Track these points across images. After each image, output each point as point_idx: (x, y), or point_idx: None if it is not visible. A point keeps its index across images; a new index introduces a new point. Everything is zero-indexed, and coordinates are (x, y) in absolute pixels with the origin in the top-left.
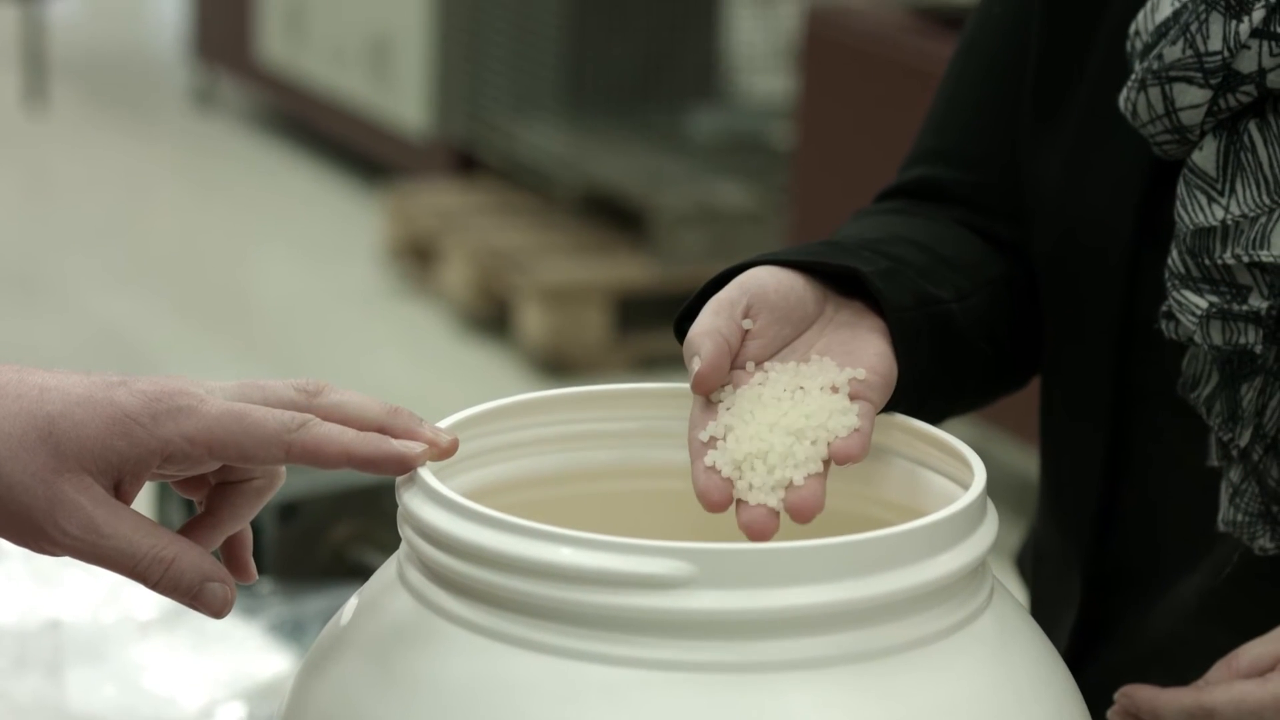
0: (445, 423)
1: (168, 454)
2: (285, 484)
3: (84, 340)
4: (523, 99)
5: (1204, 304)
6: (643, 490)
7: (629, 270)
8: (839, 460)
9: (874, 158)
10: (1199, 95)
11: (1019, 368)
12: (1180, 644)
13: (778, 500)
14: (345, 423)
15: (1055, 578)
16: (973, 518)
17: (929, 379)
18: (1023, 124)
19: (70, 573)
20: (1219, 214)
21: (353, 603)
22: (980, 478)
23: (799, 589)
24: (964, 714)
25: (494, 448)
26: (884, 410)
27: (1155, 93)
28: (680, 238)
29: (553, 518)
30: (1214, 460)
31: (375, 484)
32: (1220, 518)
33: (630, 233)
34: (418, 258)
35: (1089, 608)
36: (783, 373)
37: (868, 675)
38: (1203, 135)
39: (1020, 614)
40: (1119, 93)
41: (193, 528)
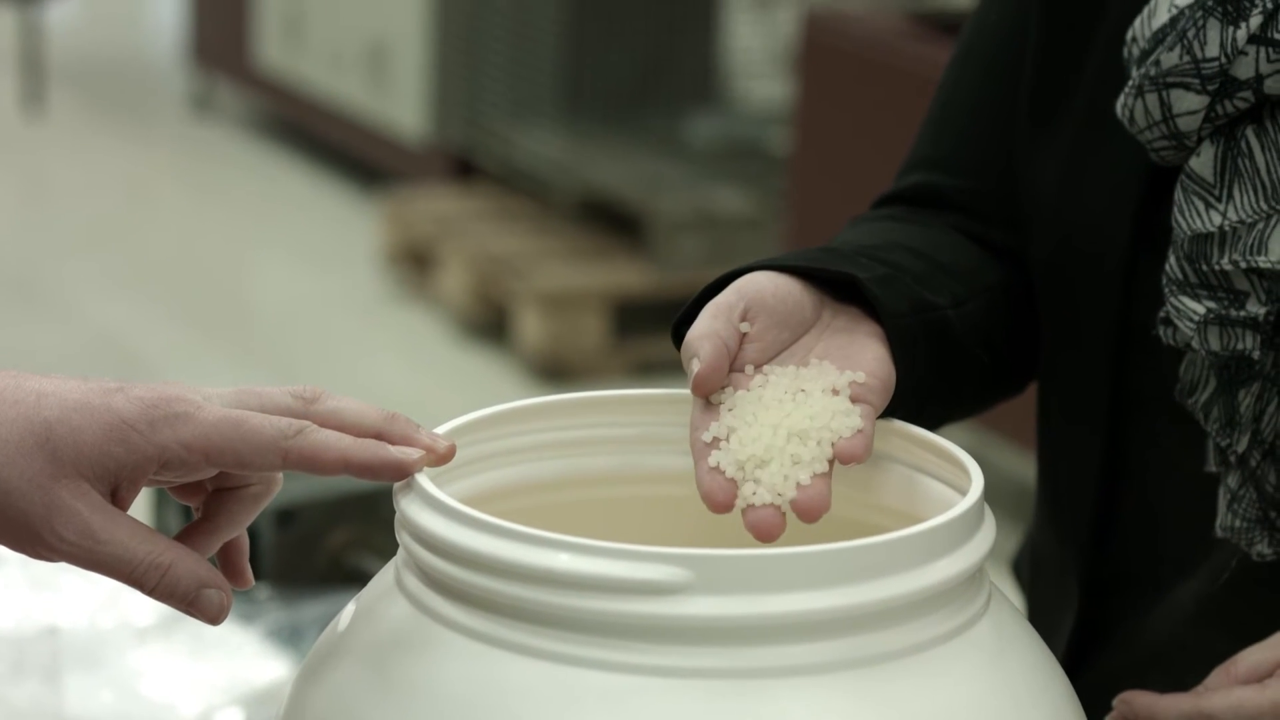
0: (443, 428)
1: (164, 460)
2: (283, 489)
3: (81, 345)
4: (520, 104)
5: (1201, 310)
6: (641, 496)
7: (627, 276)
8: (843, 460)
9: (872, 163)
10: (1196, 101)
11: (1016, 374)
12: (1178, 649)
13: (785, 501)
14: (342, 429)
15: (1053, 583)
16: (970, 524)
17: (926, 385)
18: (1020, 130)
19: (68, 578)
20: (1216, 220)
21: (350, 608)
22: (978, 484)
23: (796, 595)
24: None
25: (492, 453)
26: (881, 416)
27: (1152, 99)
28: (678, 243)
29: (550, 523)
30: (1212, 466)
31: (373, 490)
32: (1218, 523)
33: (628, 238)
34: (416, 263)
35: (1087, 613)
36: (783, 375)
37: (865, 681)
38: (1200, 141)
39: (1018, 620)
40: (1116, 99)
41: (189, 534)
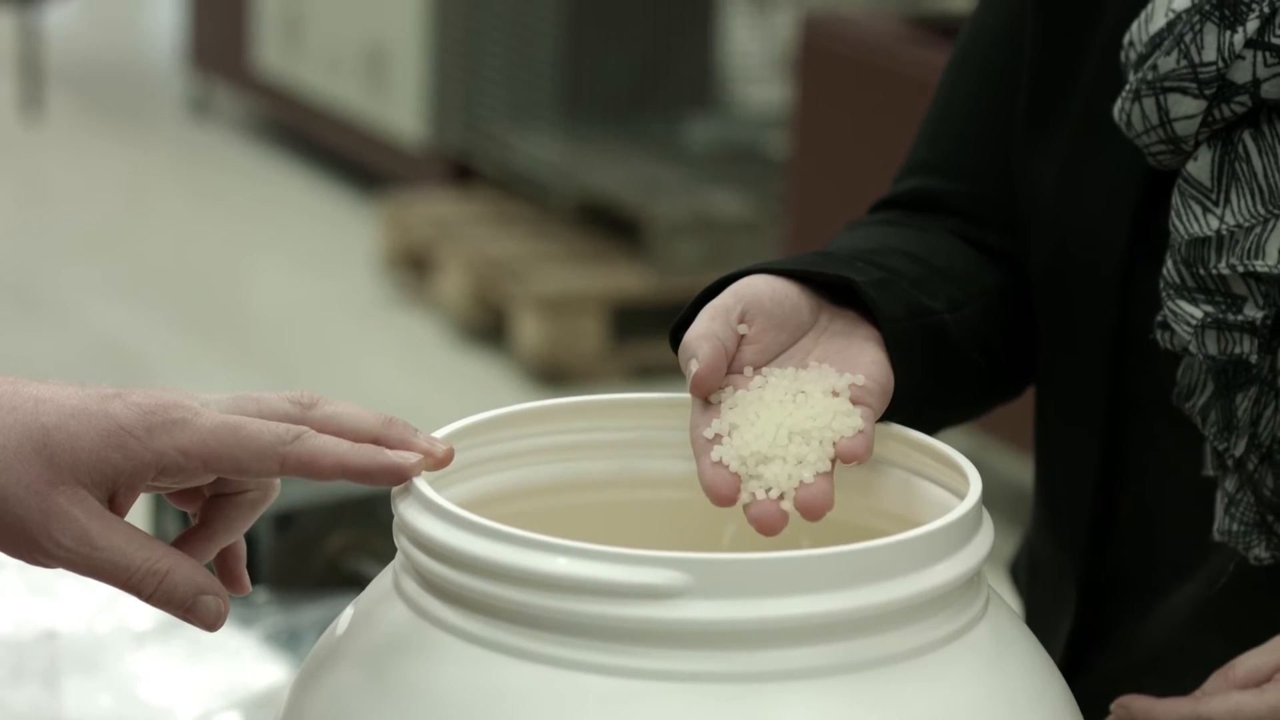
0: (441, 433)
1: (162, 466)
2: (281, 494)
3: (80, 350)
4: (519, 108)
5: (1199, 314)
6: (639, 500)
7: (625, 280)
8: (845, 459)
9: (870, 167)
10: (1193, 106)
11: (1014, 378)
12: (1175, 653)
13: (789, 498)
14: (340, 434)
15: (1050, 586)
16: (968, 528)
17: (924, 389)
18: (1017, 134)
19: (66, 583)
20: (1214, 224)
21: (348, 613)
22: (976, 488)
23: (795, 599)
24: None
25: (490, 458)
26: (879, 420)
27: (1150, 103)
28: (676, 247)
29: (548, 528)
30: (1209, 470)
31: (371, 494)
32: (1215, 527)
33: (626, 242)
34: (414, 267)
35: (1084, 617)
36: (782, 377)
37: (863, 685)
38: (1197, 146)
39: (1016, 624)
40: (1113, 103)
41: (187, 540)
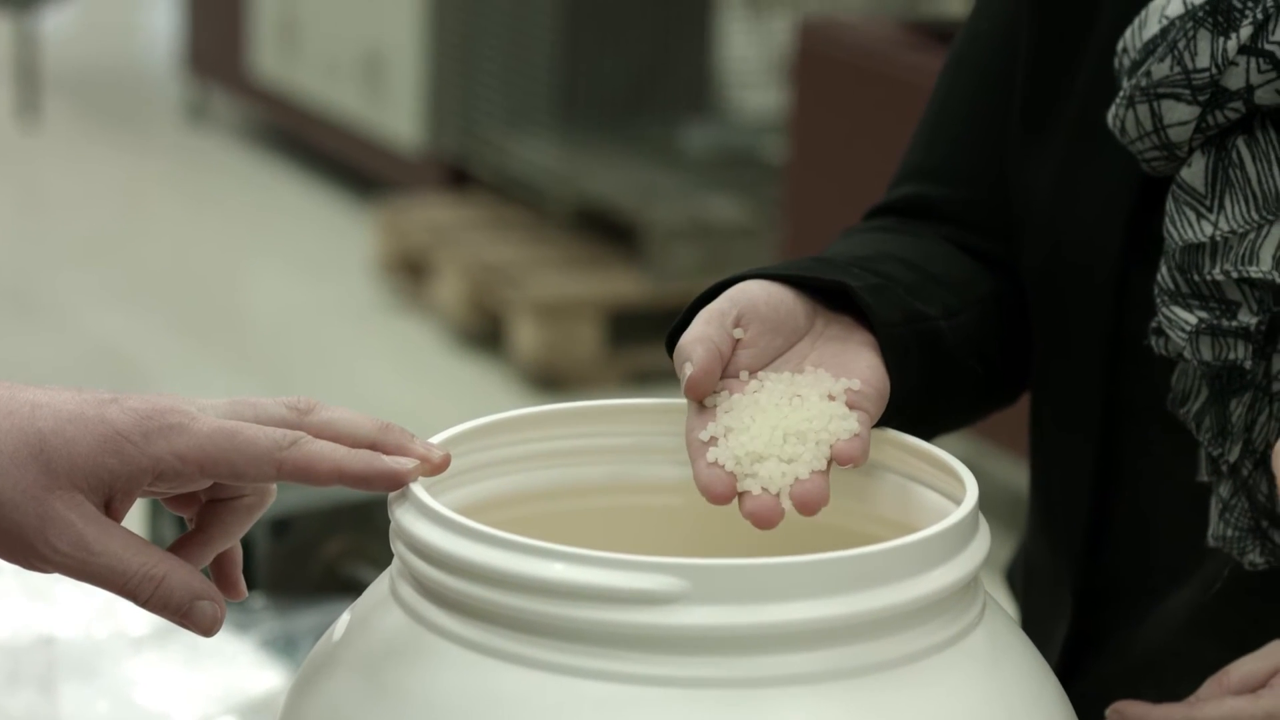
0: (437, 438)
1: (159, 472)
2: (278, 499)
3: (77, 355)
4: (515, 113)
5: (1193, 320)
6: (635, 506)
7: (621, 285)
8: (841, 461)
9: (867, 172)
10: (1187, 112)
11: (1009, 384)
12: (1171, 658)
13: (785, 496)
14: (337, 440)
15: (1046, 592)
16: (965, 533)
17: (919, 395)
18: (1012, 140)
19: (63, 588)
20: (1208, 230)
21: (345, 618)
22: (972, 493)
23: (791, 604)
24: None
25: (486, 463)
26: (875, 426)
27: (1143, 109)
28: (673, 252)
29: (545, 533)
30: (1204, 475)
31: (367, 499)
32: (1210, 533)
33: (623, 247)
34: (410, 272)
35: (1080, 622)
36: (778, 381)
37: (860, 691)
38: (1191, 152)
39: (1013, 629)
40: (1107, 109)
41: (183, 545)
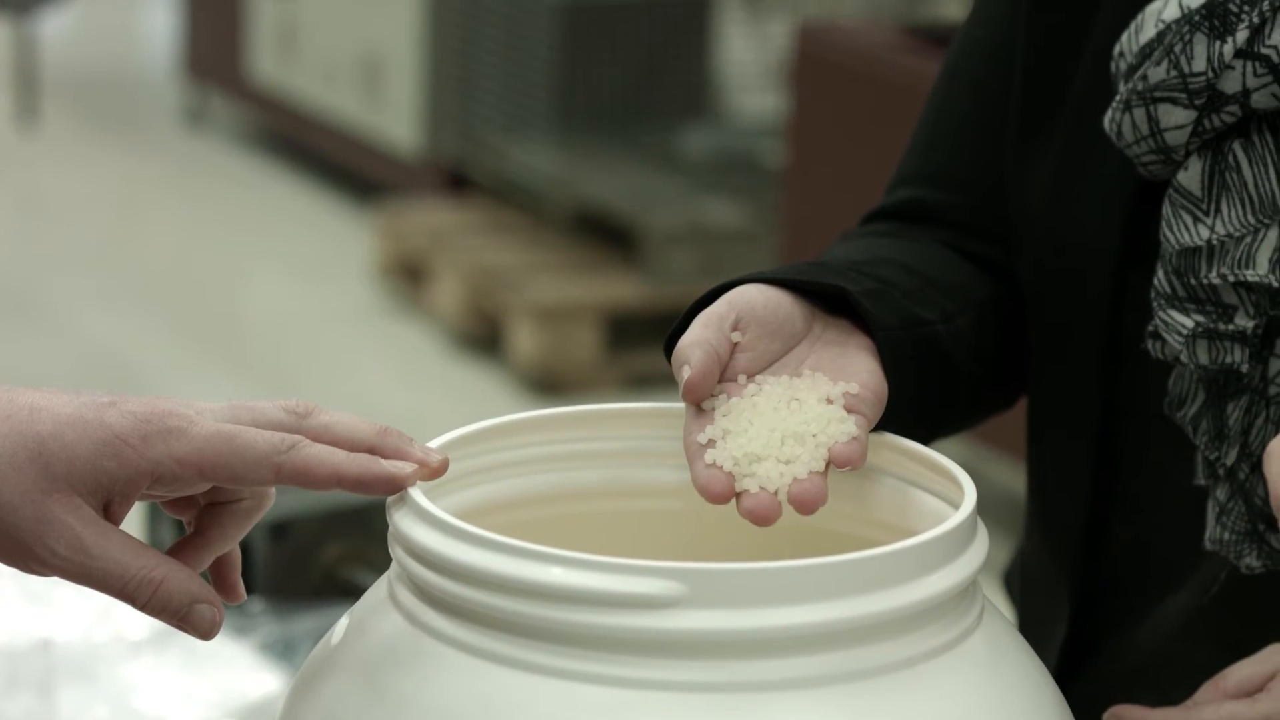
0: (435, 442)
1: (157, 475)
2: (276, 503)
3: (75, 359)
4: (514, 118)
5: (1190, 323)
6: (634, 510)
7: (620, 289)
8: (839, 464)
9: (865, 176)
10: (1184, 116)
11: (1006, 389)
12: (1168, 662)
13: (783, 496)
14: (335, 444)
15: (1043, 596)
16: (963, 537)
17: (917, 399)
18: (1008, 144)
19: (61, 592)
20: (1204, 234)
21: (343, 622)
22: (970, 497)
23: (789, 609)
24: None
25: (485, 467)
26: (873, 430)
27: (1140, 113)
28: (671, 256)
29: (543, 538)
30: (1200, 479)
31: (366, 503)
32: (1207, 536)
33: (621, 251)
34: (409, 276)
35: (1077, 625)
36: (777, 385)
37: (859, 695)
38: (1188, 155)
39: (1011, 633)
40: (1104, 113)
41: (181, 548)
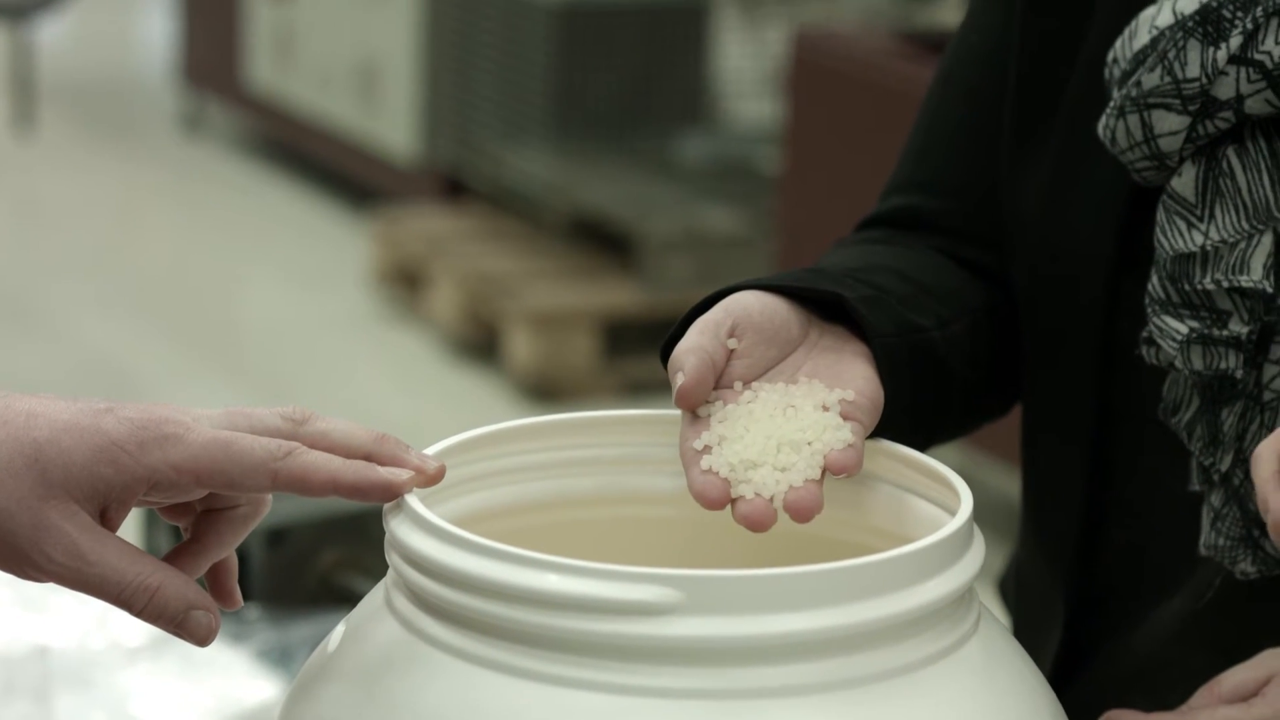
0: (432, 449)
1: (154, 481)
2: (273, 510)
3: (72, 366)
4: (511, 124)
5: (1184, 329)
6: (630, 517)
7: (617, 295)
8: (835, 471)
9: (862, 182)
10: (1177, 122)
11: (1001, 395)
12: (1162, 667)
13: (777, 500)
14: (332, 450)
15: (1038, 601)
16: (959, 544)
17: (913, 406)
18: (1003, 150)
19: (58, 599)
20: (1199, 240)
21: (340, 629)
22: (966, 504)
23: (786, 615)
24: None
25: (481, 474)
26: (870, 437)
27: (1134, 119)
28: (668, 263)
29: (540, 544)
30: (1195, 484)
31: (363, 510)
32: (1202, 542)
33: (618, 258)
34: (406, 283)
35: (1072, 631)
36: (773, 392)
37: (855, 701)
38: (1182, 161)
39: (1007, 640)
40: (1098, 119)
41: (178, 555)
